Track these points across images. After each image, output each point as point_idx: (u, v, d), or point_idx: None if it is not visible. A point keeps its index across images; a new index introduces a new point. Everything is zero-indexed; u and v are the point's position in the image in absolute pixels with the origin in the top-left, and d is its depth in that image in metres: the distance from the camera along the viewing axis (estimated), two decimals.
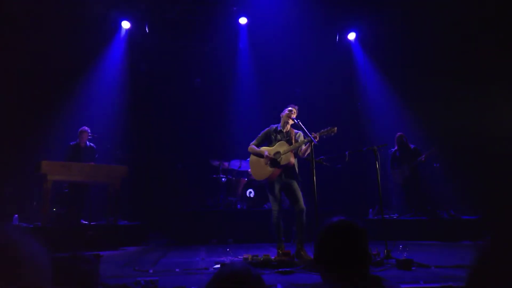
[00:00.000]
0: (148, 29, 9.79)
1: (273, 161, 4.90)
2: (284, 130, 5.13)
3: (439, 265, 4.08)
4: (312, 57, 10.61)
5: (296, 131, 5.23)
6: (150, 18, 9.57)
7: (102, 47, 9.57)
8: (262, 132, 5.29)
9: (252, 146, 5.17)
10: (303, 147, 4.94)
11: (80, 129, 7.58)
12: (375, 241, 4.76)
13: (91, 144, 7.70)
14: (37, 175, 6.66)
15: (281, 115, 5.24)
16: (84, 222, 7.18)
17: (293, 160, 4.94)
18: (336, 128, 4.79)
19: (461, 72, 8.61)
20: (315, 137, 4.65)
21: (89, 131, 7.59)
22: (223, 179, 8.73)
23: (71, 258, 1.70)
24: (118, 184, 7.33)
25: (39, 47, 8.49)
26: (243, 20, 9.74)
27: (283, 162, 4.86)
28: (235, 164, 8.94)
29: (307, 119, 10.77)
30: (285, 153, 4.87)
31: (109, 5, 9.08)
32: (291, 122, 5.12)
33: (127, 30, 9.69)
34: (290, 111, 5.15)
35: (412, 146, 8.20)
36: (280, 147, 4.96)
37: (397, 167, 8.24)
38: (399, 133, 8.41)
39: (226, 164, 8.86)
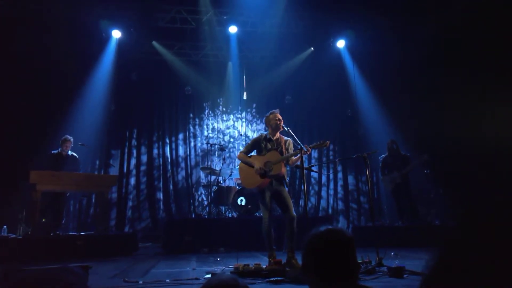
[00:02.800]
0: (138, 38, 9.79)
1: (265, 172, 4.86)
2: (274, 138, 5.08)
3: None
4: (302, 65, 10.69)
5: (285, 138, 5.19)
6: (140, 26, 9.56)
7: (93, 57, 9.54)
8: (252, 140, 5.25)
9: (242, 154, 5.13)
10: (294, 158, 4.91)
11: (63, 138, 7.50)
12: (367, 248, 4.76)
13: (73, 154, 7.61)
14: (26, 184, 6.59)
15: (265, 121, 5.18)
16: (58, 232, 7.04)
17: (284, 169, 4.91)
18: (328, 142, 4.75)
19: (451, 80, 8.70)
20: (307, 150, 4.60)
21: (72, 140, 7.51)
22: (214, 187, 8.70)
23: (57, 270, 1.67)
24: (107, 193, 7.28)
25: (31, 56, 8.45)
26: (233, 29, 9.77)
27: (274, 172, 4.83)
28: (226, 172, 8.92)
29: (297, 126, 10.92)
30: (276, 164, 4.83)
31: (100, 14, 9.07)
32: (281, 129, 5.07)
33: (118, 39, 9.67)
34: (274, 116, 5.05)
35: (403, 153, 8.22)
36: (271, 156, 4.91)
37: (387, 173, 8.23)
38: (390, 139, 8.43)
39: (217, 171, 8.83)
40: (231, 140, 10.86)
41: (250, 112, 11.16)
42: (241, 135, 10.88)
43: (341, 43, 10.46)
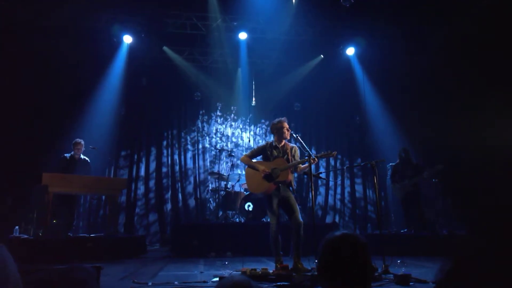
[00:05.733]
0: (149, 43, 9.92)
1: (270, 176, 4.91)
2: (280, 145, 5.14)
3: None
4: (311, 72, 10.75)
5: (291, 145, 5.24)
6: (151, 32, 9.69)
7: (104, 61, 9.67)
8: (258, 147, 5.30)
9: (246, 158, 5.17)
10: (301, 166, 4.96)
11: (74, 141, 7.62)
12: (373, 256, 4.77)
13: (85, 158, 7.74)
14: (38, 186, 6.70)
15: (271, 128, 5.24)
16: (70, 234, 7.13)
17: (290, 177, 4.96)
18: (335, 152, 4.79)
19: (458, 89, 8.72)
20: (314, 160, 4.65)
21: (83, 143, 7.63)
22: (222, 192, 8.76)
23: (68, 268, 1.73)
24: (117, 196, 7.37)
25: (43, 60, 8.60)
26: (243, 35, 9.86)
27: (280, 179, 4.88)
28: (234, 177, 8.98)
29: (305, 133, 10.95)
30: (283, 170, 4.89)
31: (111, 19, 9.21)
32: (288, 137, 5.14)
33: (129, 44, 9.81)
34: (281, 123, 5.10)
35: (414, 162, 8.17)
36: (278, 164, 4.96)
37: (398, 181, 8.20)
38: (402, 147, 8.40)
39: (225, 177, 8.90)
40: (233, 149, 10.86)
41: (259, 126, 11.19)
42: (249, 141, 10.94)
43: (350, 51, 10.49)
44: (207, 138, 10.84)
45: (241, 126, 11.09)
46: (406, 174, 8.02)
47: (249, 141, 10.92)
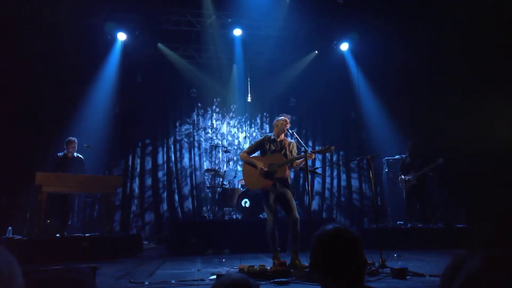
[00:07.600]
0: (143, 40, 9.85)
1: (268, 174, 4.90)
2: (278, 140, 5.13)
3: (434, 273, 4.10)
4: (306, 68, 10.73)
5: (289, 140, 5.24)
6: (145, 29, 9.63)
7: (98, 59, 9.60)
8: (256, 142, 5.30)
9: (245, 154, 5.17)
10: (297, 161, 4.95)
11: (67, 139, 7.53)
12: (370, 250, 4.78)
13: (79, 155, 7.66)
14: (31, 186, 6.63)
15: (274, 124, 5.24)
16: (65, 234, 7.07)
17: (288, 172, 4.96)
18: (333, 148, 4.78)
19: (455, 83, 8.74)
20: (310, 155, 4.64)
21: (76, 140, 7.56)
22: (218, 189, 8.73)
23: (65, 269, 1.71)
24: (113, 194, 7.33)
25: (36, 58, 8.52)
26: (237, 32, 9.83)
27: (278, 175, 4.87)
28: (230, 174, 8.95)
29: (301, 129, 10.95)
30: (280, 166, 4.87)
31: (105, 17, 9.13)
32: (285, 131, 5.13)
33: (123, 42, 9.73)
34: (285, 120, 5.13)
35: (421, 155, 8.21)
36: (275, 159, 4.95)
37: (404, 173, 8.24)
38: (410, 141, 8.43)
39: (221, 173, 8.87)
40: (229, 146, 10.81)
41: (254, 122, 11.15)
42: (245, 137, 10.90)
43: (344, 46, 10.50)
44: (202, 134, 10.80)
45: (236, 123, 11.05)
46: (413, 167, 8.07)
47: (245, 137, 10.89)
